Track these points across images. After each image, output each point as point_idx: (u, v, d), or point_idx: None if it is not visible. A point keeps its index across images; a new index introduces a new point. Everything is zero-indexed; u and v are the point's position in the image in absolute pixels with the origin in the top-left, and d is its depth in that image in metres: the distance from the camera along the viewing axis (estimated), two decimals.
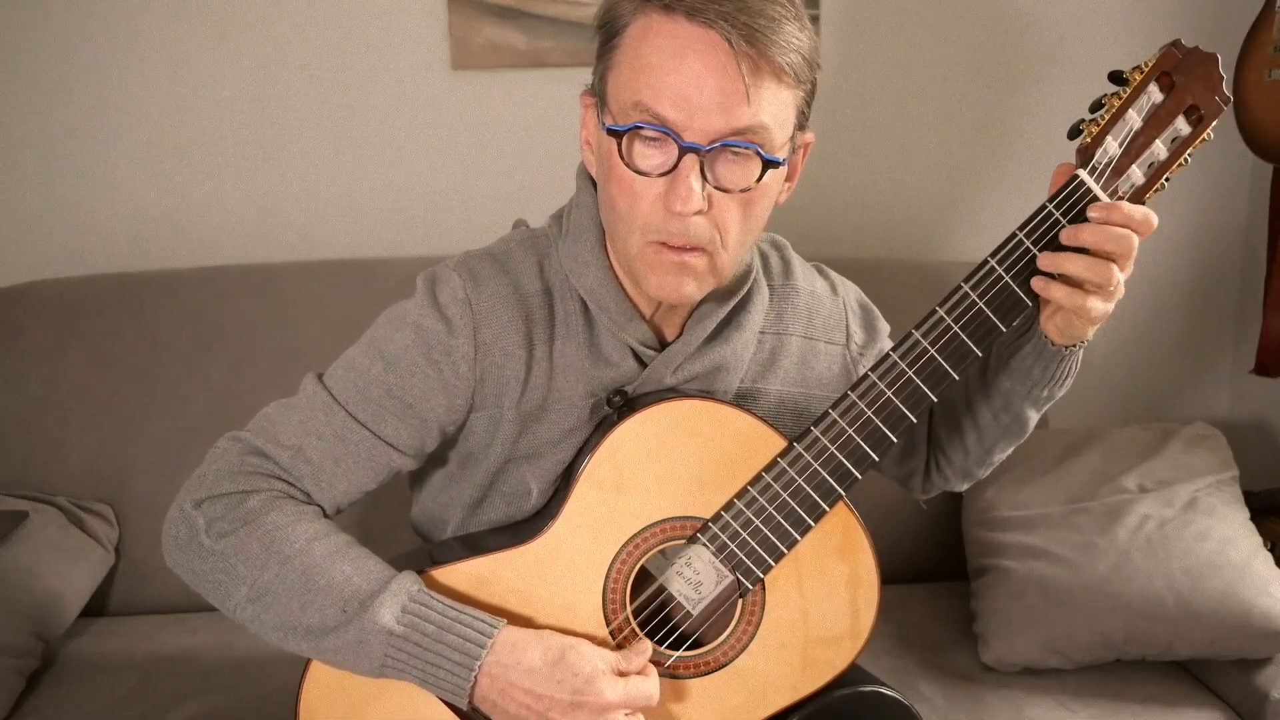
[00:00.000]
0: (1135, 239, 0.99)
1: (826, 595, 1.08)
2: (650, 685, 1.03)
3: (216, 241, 2.06)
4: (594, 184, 1.12)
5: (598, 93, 1.04)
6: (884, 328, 1.28)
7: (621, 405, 1.10)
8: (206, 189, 2.06)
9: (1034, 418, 1.20)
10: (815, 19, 2.08)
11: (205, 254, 2.05)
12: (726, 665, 1.08)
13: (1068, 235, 1.00)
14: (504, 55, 2.03)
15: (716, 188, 0.99)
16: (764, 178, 1.00)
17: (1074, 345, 1.09)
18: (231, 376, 1.83)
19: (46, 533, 1.69)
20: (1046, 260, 1.01)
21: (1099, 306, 1.02)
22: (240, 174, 2.06)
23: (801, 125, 1.04)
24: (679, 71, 0.96)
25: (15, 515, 1.69)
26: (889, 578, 1.11)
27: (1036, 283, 1.02)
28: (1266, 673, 1.57)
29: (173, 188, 2.05)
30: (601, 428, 1.10)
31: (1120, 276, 1.00)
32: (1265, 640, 1.56)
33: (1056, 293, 1.01)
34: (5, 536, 1.64)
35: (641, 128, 0.98)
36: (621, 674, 1.03)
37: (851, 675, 1.11)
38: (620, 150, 0.99)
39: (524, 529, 1.11)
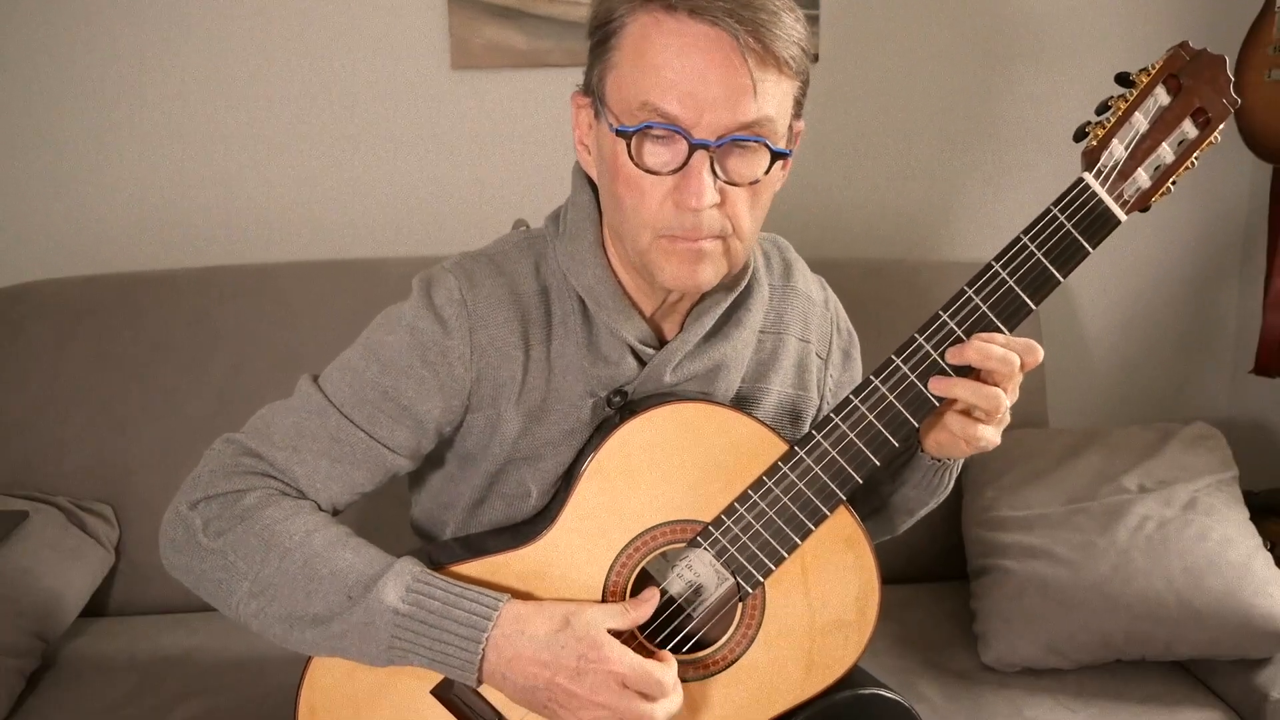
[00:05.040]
0: (1017, 361, 1.00)
1: (826, 598, 1.08)
2: (662, 672, 1.00)
3: (216, 241, 2.06)
4: (590, 183, 1.12)
5: (594, 93, 1.04)
6: (858, 363, 1.29)
7: (621, 406, 1.10)
8: (206, 189, 2.06)
9: (904, 520, 1.24)
10: (814, 19, 2.08)
11: (205, 254, 2.04)
12: (727, 668, 1.08)
13: (953, 354, 1.01)
14: (504, 55, 2.03)
15: (727, 182, 1.00)
16: (771, 169, 1.02)
17: (945, 460, 1.12)
18: (231, 377, 1.83)
19: (46, 533, 1.69)
20: (938, 385, 1.01)
21: (988, 435, 1.03)
22: (240, 174, 2.06)
23: (798, 114, 1.06)
24: (685, 69, 0.97)
25: (15, 515, 1.69)
26: (889, 578, 1.11)
27: (936, 385, 1.02)
28: (1266, 673, 1.57)
29: (173, 188, 2.05)
30: (602, 429, 1.09)
31: (1007, 402, 1.01)
32: (1265, 640, 1.56)
33: (952, 420, 1.03)
34: (5, 536, 1.64)
35: (651, 127, 0.98)
36: (626, 630, 1.02)
37: (852, 677, 1.10)
38: (630, 150, 1.00)
39: (524, 531, 1.11)
